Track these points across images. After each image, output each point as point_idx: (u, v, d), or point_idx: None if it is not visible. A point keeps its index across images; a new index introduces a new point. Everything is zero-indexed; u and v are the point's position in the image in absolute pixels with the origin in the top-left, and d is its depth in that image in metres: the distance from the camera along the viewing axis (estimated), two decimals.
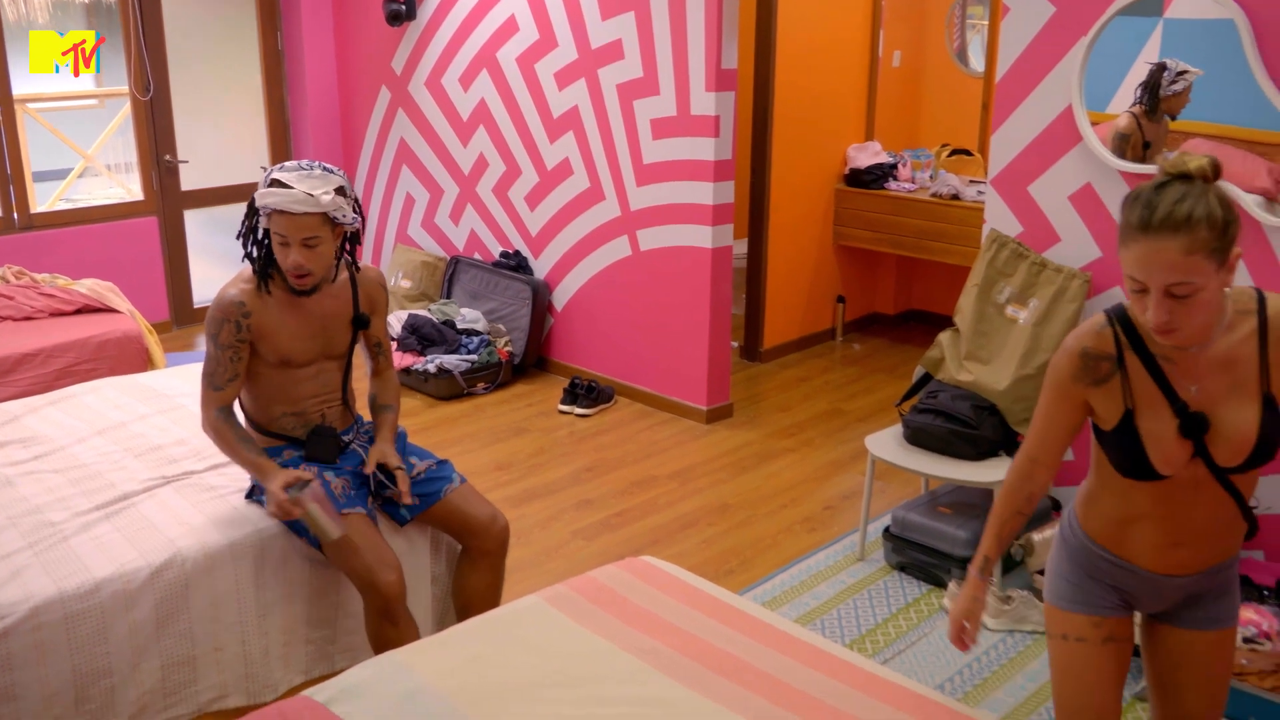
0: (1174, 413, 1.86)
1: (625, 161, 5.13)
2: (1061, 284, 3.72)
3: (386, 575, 2.68)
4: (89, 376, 4.33)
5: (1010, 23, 3.83)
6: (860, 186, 6.05)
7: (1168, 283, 1.72)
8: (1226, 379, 1.85)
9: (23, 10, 5.61)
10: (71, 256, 5.70)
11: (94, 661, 2.52)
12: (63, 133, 6.18)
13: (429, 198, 6.23)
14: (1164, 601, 2.04)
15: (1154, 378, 1.88)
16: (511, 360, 5.57)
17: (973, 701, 3.09)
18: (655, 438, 4.95)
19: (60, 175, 6.23)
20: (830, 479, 4.55)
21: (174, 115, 6.08)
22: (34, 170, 5.77)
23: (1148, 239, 1.72)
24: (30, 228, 5.69)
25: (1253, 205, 3.39)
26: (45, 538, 2.70)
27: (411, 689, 2.18)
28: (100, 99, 6.35)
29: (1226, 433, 1.85)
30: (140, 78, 5.93)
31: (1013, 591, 3.50)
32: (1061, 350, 1.97)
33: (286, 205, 2.66)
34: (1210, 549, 1.97)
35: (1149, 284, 1.74)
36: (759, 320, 5.96)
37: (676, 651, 2.29)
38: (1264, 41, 3.31)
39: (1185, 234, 1.70)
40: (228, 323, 2.74)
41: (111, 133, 6.25)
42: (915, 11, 6.33)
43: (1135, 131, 3.57)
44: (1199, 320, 1.76)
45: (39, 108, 5.97)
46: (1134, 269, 1.75)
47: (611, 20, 5.01)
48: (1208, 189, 1.74)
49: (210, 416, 2.78)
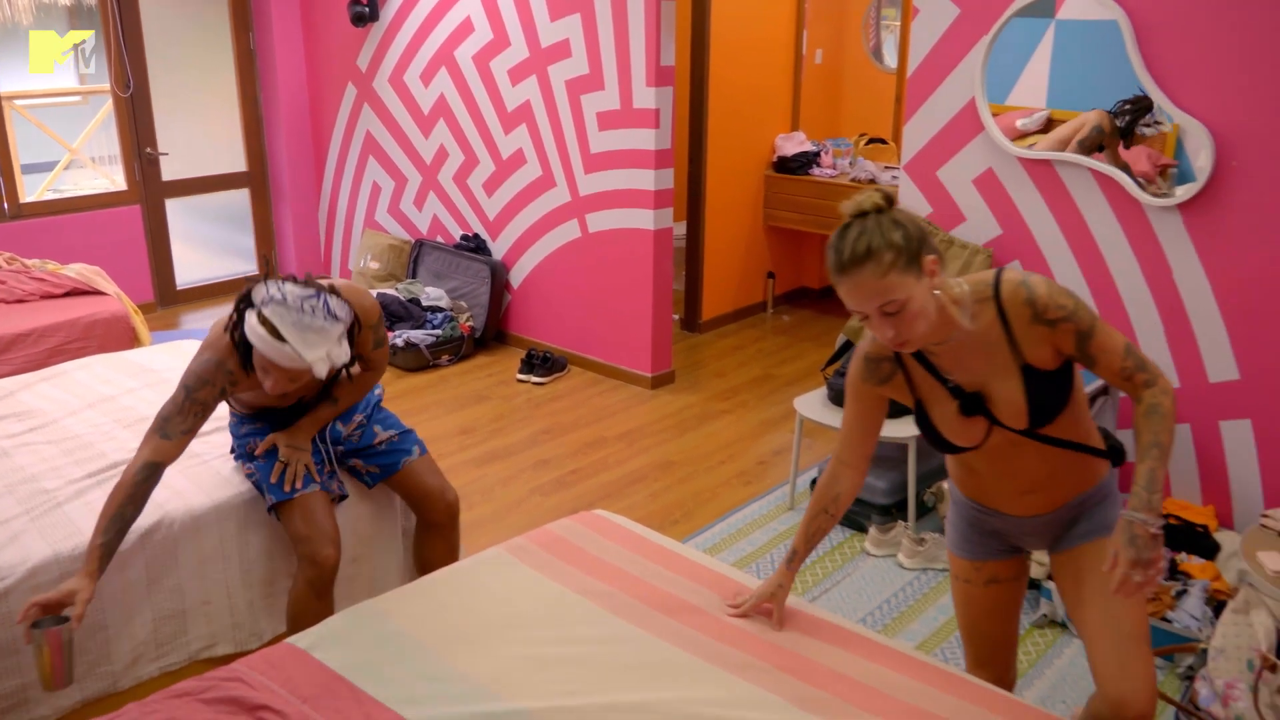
0: (951, 396, 1.93)
1: (574, 151, 5.11)
2: (967, 259, 3.76)
3: (325, 550, 2.57)
4: (79, 354, 4.26)
5: (920, 23, 3.85)
6: (787, 173, 6.07)
7: (877, 306, 1.76)
8: (986, 359, 1.89)
9: (8, 12, 5.44)
10: (60, 243, 5.59)
11: (89, 617, 2.47)
12: (49, 128, 6.02)
13: (394, 186, 6.16)
14: (1042, 537, 2.10)
15: (929, 371, 1.95)
16: (473, 334, 5.55)
17: (891, 632, 3.14)
18: (605, 403, 4.96)
19: (47, 168, 6.08)
20: (763, 437, 4.59)
21: (154, 111, 5.96)
22: (22, 163, 5.64)
23: (846, 278, 1.76)
24: (20, 216, 5.56)
25: (1134, 188, 3.45)
26: (41, 504, 2.65)
27: (387, 634, 2.18)
28: (84, 96, 6.20)
29: (1001, 404, 1.91)
30: (121, 76, 5.80)
31: (925, 534, 3.56)
32: (853, 356, 2.06)
33: (274, 357, 2.29)
34: (1060, 489, 2.01)
35: (865, 311, 1.79)
36: (698, 295, 5.98)
37: (627, 595, 2.31)
38: (1143, 40, 3.36)
39: (873, 264, 1.73)
40: (210, 385, 2.40)
41: (95, 127, 6.10)
42: (835, 13, 6.34)
43: (1103, 139, 3.50)
44: (922, 325, 1.79)
45: (25, 104, 5.81)
46: (849, 303, 1.80)
47: (560, 21, 4.97)
48: (882, 219, 1.76)
49: (137, 462, 2.33)
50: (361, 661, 2.09)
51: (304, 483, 2.62)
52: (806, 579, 3.43)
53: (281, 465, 2.63)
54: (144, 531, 2.56)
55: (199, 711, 1.94)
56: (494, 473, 4.22)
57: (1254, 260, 3.29)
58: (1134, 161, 3.48)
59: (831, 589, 3.38)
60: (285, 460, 2.63)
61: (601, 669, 2.05)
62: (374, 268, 5.96)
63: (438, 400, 4.98)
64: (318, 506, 2.62)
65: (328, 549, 2.57)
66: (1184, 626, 2.97)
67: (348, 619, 2.24)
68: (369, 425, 2.86)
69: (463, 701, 1.96)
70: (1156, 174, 3.44)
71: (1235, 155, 3.26)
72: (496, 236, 5.66)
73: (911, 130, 3.96)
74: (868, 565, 3.53)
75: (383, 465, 2.83)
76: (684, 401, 4.99)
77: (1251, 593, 2.59)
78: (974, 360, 1.90)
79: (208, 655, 2.70)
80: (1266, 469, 3.40)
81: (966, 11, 3.72)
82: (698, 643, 2.13)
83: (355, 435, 2.84)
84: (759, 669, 2.05)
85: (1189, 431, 3.53)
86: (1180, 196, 3.36)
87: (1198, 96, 3.29)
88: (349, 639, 2.17)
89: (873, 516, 3.69)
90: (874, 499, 3.71)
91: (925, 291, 1.78)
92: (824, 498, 2.15)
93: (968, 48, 3.74)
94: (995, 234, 3.83)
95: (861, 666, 2.07)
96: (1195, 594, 3.06)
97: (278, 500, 2.60)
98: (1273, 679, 2.35)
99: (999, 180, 3.78)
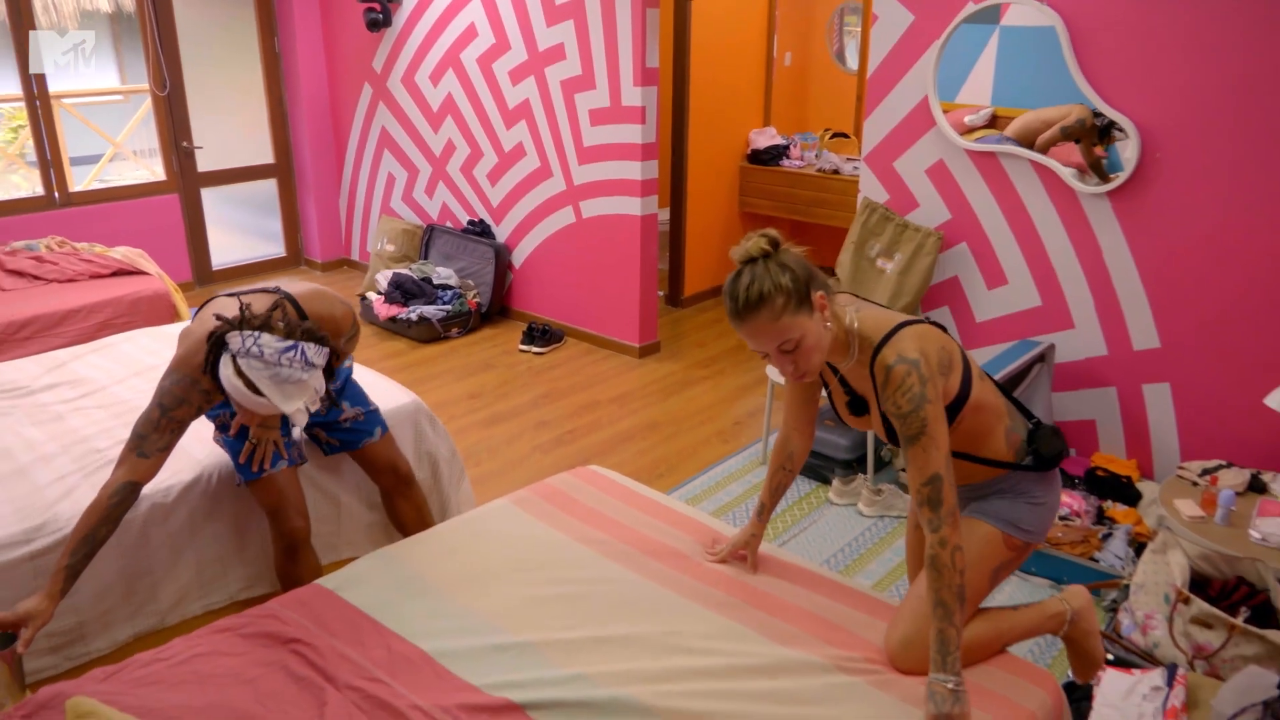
0: (845, 392, 1.94)
1: (569, 145, 5.06)
2: (920, 241, 3.76)
3: (295, 521, 2.48)
4: (124, 328, 4.23)
5: (878, 29, 3.82)
6: (760, 164, 6.03)
7: (775, 346, 1.73)
8: (866, 387, 1.88)
9: (54, 17, 5.34)
10: (106, 228, 5.53)
11: (138, 563, 2.48)
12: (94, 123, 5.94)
13: (407, 176, 6.10)
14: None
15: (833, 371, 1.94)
16: (479, 309, 5.52)
17: (851, 573, 3.17)
18: (597, 370, 4.95)
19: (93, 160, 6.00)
20: (738, 400, 4.59)
21: (189, 108, 5.88)
22: (71, 156, 5.56)
23: (742, 323, 1.72)
24: (70, 204, 5.49)
25: (1069, 176, 3.45)
26: (92, 462, 2.64)
27: (406, 576, 2.18)
28: (125, 94, 6.10)
29: (875, 417, 1.91)
30: (158, 76, 5.70)
31: (882, 485, 3.58)
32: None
33: (251, 408, 2.06)
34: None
35: (765, 350, 1.75)
36: (680, 273, 5.96)
37: (618, 541, 2.31)
38: (1078, 45, 3.34)
39: (765, 308, 1.69)
40: (186, 404, 2.14)
41: (136, 123, 6.02)
42: (803, 20, 6.29)
43: (1073, 145, 3.48)
44: (816, 358, 1.76)
45: (73, 102, 5.72)
46: (750, 344, 1.77)
47: (555, 26, 4.91)
48: (769, 264, 1.71)
49: (115, 481, 2.08)
50: (382, 600, 2.09)
51: (272, 462, 2.46)
52: (777, 526, 3.45)
53: (251, 446, 2.43)
54: (186, 485, 2.55)
55: (238, 644, 1.94)
56: (499, 433, 4.22)
57: (1174, 241, 3.30)
58: (1068, 154, 3.47)
59: (799, 534, 3.40)
60: (255, 440, 2.42)
61: (595, 606, 2.06)
62: (390, 250, 5.92)
63: (448, 369, 4.97)
64: (285, 482, 2.50)
65: (295, 520, 2.49)
66: (1109, 565, 3.00)
67: (369, 563, 2.24)
68: (338, 399, 2.65)
69: (472, 635, 1.96)
70: (1089, 165, 3.43)
71: (1158, 149, 3.26)
72: (500, 221, 5.62)
73: (871, 125, 3.94)
74: (831, 513, 3.54)
75: (344, 440, 2.68)
76: (668, 369, 4.99)
77: (1168, 535, 2.61)
78: (860, 382, 1.90)
79: (246, 596, 2.70)
80: (1183, 426, 3.43)
81: (920, 18, 3.69)
82: (681, 583, 2.15)
83: (322, 408, 2.51)
84: (735, 606, 2.06)
85: (1115, 394, 3.55)
86: (1110, 185, 3.36)
87: (1126, 96, 3.28)
88: (371, 580, 2.17)
89: (836, 470, 3.70)
90: (837, 455, 3.72)
91: (818, 326, 1.74)
92: (780, 456, 2.18)
93: (921, 51, 3.71)
94: (945, 218, 3.82)
95: (824, 604, 2.08)
96: (1119, 536, 3.09)
97: (246, 480, 2.48)
98: (1186, 610, 2.38)
99: (949, 170, 3.76)
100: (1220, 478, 3.01)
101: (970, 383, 1.85)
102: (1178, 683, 2.15)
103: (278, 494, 2.49)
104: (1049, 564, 3.07)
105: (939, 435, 1.70)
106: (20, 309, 4.14)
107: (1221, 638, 2.31)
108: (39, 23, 5.19)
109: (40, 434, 2.82)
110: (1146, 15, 3.19)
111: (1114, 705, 2.17)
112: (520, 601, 2.07)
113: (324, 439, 2.71)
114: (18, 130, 5.73)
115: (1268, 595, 2.48)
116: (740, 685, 1.82)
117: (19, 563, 2.29)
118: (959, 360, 1.84)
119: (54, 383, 3.22)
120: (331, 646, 1.93)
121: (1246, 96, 3.05)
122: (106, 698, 1.71)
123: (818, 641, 1.94)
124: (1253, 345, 3.21)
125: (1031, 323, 3.70)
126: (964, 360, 1.87)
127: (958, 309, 3.89)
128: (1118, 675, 2.24)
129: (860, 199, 3.98)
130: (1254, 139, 3.06)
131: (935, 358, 1.75)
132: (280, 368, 1.99)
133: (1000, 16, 3.51)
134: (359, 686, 1.81)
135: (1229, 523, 2.79)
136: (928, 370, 1.71)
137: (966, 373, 1.85)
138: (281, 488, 2.50)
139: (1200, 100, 3.14)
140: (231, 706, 1.72)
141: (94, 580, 2.40)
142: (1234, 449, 3.30)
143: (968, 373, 1.85)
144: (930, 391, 1.70)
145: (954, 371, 1.81)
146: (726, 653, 1.90)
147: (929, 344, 1.76)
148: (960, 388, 1.82)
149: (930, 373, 1.72)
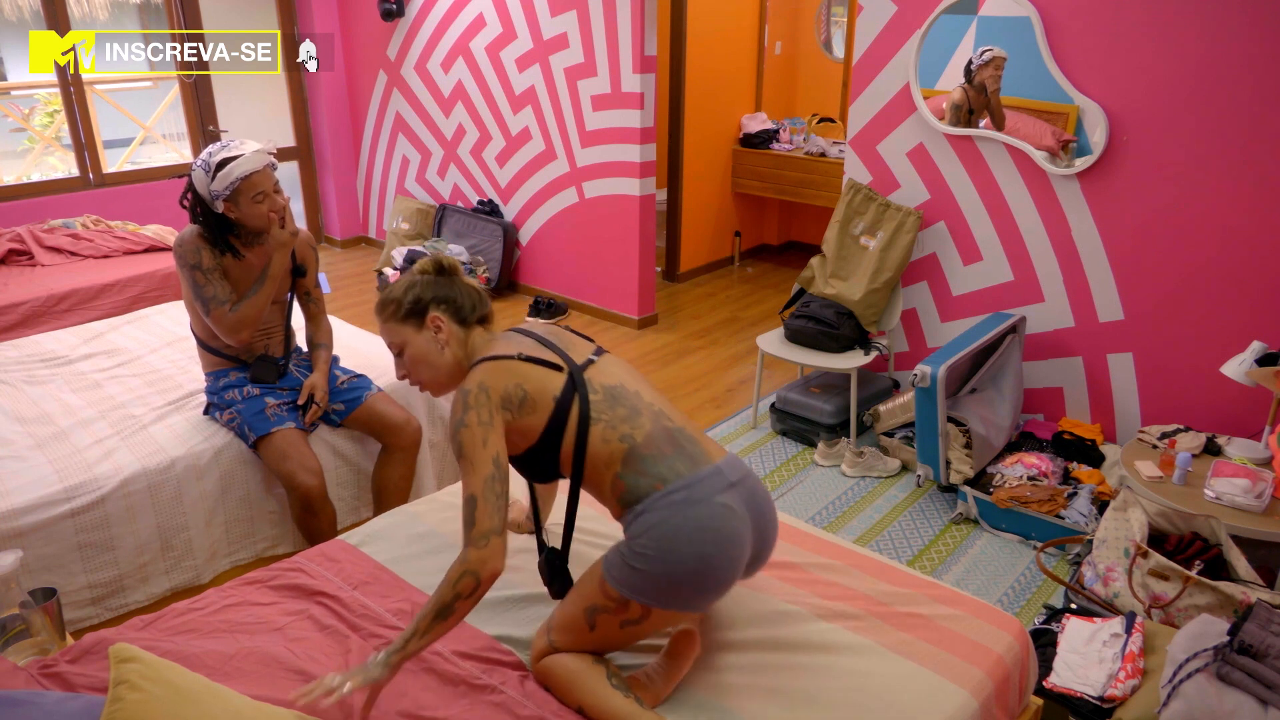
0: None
1: (572, 129, 5.02)
2: (900, 219, 3.73)
3: (307, 479, 2.49)
4: (157, 301, 4.22)
5: (863, 19, 3.77)
6: (751, 147, 5.98)
7: (388, 344, 1.79)
8: None
9: (86, 9, 5.26)
10: (138, 207, 5.48)
11: (173, 520, 2.48)
12: (126, 109, 5.87)
13: (420, 159, 6.05)
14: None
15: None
16: (489, 284, 5.50)
17: (834, 529, 3.18)
18: (599, 340, 4.93)
19: (125, 143, 5.94)
20: (730, 369, 4.59)
21: (214, 94, 5.82)
22: (104, 139, 5.51)
23: (377, 316, 1.80)
24: (104, 185, 5.45)
25: (1041, 159, 3.42)
26: (129, 427, 2.64)
27: (422, 532, 2.19)
28: (154, 81, 6.03)
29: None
30: (185, 63, 5.65)
31: (863, 448, 3.58)
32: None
33: (255, 164, 2.44)
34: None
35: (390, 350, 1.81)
36: (676, 250, 5.92)
37: None
38: (1051, 34, 3.30)
39: (382, 310, 1.77)
40: (203, 249, 2.48)
41: (165, 108, 5.96)
42: (792, 10, 6.21)
43: (965, 101, 3.56)
44: (425, 371, 1.75)
45: (105, 88, 5.65)
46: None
47: (559, 16, 4.85)
48: (415, 280, 1.77)
49: (231, 318, 2.48)
50: (401, 555, 2.10)
51: (278, 421, 2.55)
52: (766, 484, 3.45)
53: (274, 403, 2.60)
54: (218, 450, 2.56)
55: (268, 594, 1.95)
56: None
57: (1139, 220, 3.28)
58: (1040, 138, 3.44)
59: (786, 493, 3.41)
60: (319, 402, 2.65)
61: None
62: (405, 228, 5.89)
63: None
64: (289, 442, 2.53)
65: (305, 477, 2.50)
66: (1074, 521, 3.02)
67: (388, 520, 2.25)
68: (331, 371, 2.78)
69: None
70: (1059, 148, 3.41)
71: (1125, 132, 3.23)
72: (507, 201, 5.58)
73: (856, 111, 3.90)
74: (816, 474, 3.55)
75: (347, 401, 2.72)
76: (665, 339, 4.98)
77: (1129, 494, 2.62)
78: None
79: (272, 553, 2.71)
80: (1144, 393, 3.43)
81: (902, 9, 3.64)
82: None
83: (326, 405, 2.72)
84: None
85: (1081, 363, 3.55)
86: (1079, 167, 3.33)
87: (1095, 83, 3.25)
88: (390, 536, 2.18)
89: (821, 434, 3.71)
90: (821, 419, 3.72)
91: (424, 341, 1.74)
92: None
93: (903, 40, 3.67)
94: (925, 198, 3.79)
95: (810, 558, 2.09)
96: (1084, 495, 3.10)
97: (259, 436, 2.53)
98: (1144, 564, 2.39)
99: (928, 153, 3.73)
100: (1178, 441, 3.01)
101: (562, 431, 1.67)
102: (1136, 630, 2.17)
103: (283, 454, 2.51)
104: (1018, 520, 3.08)
105: (476, 460, 1.59)
106: (59, 283, 4.13)
107: (1177, 589, 2.32)
108: (72, 13, 5.12)
109: (79, 400, 2.82)
110: (1116, 7, 3.15)
111: (1077, 650, 2.19)
112: (526, 556, 2.07)
113: (329, 409, 2.72)
114: (54, 115, 5.68)
115: (1220, 550, 2.49)
116: (736, 635, 1.83)
117: (61, 519, 2.30)
118: (548, 404, 1.67)
119: (91, 352, 3.22)
120: (354, 598, 1.93)
121: (1206, 83, 3.02)
122: (145, 644, 1.71)
123: (802, 593, 1.95)
124: (1210, 318, 3.20)
125: (1004, 296, 3.69)
126: (580, 408, 1.67)
127: (935, 284, 3.88)
128: (1081, 623, 2.26)
129: (845, 180, 3.95)
130: (1213, 124, 3.04)
131: (501, 392, 1.65)
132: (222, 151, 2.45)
133: (978, 8, 3.47)
134: (382, 635, 1.82)
135: (1185, 483, 2.80)
136: (476, 400, 1.63)
137: (560, 420, 1.67)
138: (286, 448, 2.52)
139: (1164, 87, 3.11)
140: (262, 652, 1.73)
141: (132, 537, 2.41)
142: (1191, 414, 3.30)
143: (560, 421, 1.67)
144: (471, 418, 1.61)
145: (536, 412, 1.66)
146: (721, 601, 1.91)
147: (498, 379, 1.66)
148: (545, 430, 1.67)
149: (479, 402, 1.63)
